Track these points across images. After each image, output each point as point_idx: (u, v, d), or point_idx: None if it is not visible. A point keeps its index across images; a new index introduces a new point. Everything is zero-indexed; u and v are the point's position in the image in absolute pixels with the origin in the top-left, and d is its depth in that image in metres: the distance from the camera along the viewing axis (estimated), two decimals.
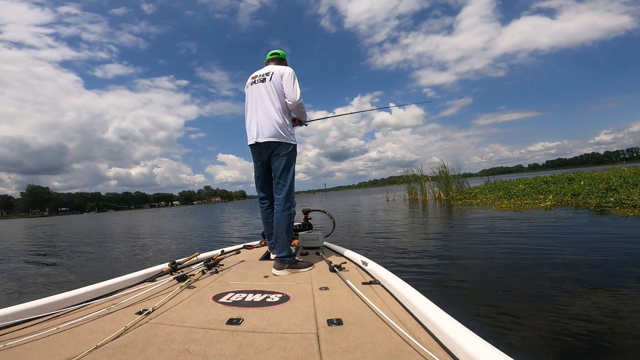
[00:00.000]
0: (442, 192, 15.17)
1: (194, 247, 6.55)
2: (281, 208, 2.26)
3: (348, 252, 2.48)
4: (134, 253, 6.44)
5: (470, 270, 3.17)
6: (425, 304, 1.23)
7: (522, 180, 13.03)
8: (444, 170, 15.60)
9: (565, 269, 2.86)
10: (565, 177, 11.22)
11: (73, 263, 5.76)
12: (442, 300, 1.70)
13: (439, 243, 4.74)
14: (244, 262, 2.52)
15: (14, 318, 1.37)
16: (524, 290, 2.48)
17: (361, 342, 1.08)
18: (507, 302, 2.28)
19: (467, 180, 16.20)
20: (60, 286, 3.96)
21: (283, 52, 2.56)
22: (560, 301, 2.19)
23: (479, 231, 5.27)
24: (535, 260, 3.22)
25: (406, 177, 17.37)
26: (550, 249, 3.61)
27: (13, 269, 5.55)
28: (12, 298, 3.64)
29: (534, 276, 2.76)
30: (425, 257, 3.79)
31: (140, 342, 1.14)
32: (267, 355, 1.03)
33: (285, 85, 2.28)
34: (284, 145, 2.27)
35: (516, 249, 3.81)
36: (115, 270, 4.74)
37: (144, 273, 2.10)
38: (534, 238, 4.30)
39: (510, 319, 2.01)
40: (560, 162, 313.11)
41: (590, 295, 2.27)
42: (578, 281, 2.54)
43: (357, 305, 1.43)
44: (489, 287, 2.65)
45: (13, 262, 6.42)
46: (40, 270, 5.32)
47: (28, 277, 4.74)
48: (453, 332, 1.00)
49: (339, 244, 2.84)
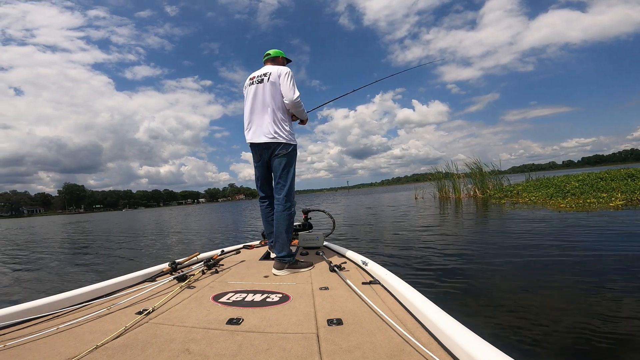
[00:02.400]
0: (478, 189, 14.05)
1: (221, 243, 6.68)
2: (281, 208, 2.26)
3: (348, 252, 2.47)
4: (167, 246, 6.99)
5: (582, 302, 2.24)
6: (425, 304, 1.23)
7: (572, 176, 11.72)
8: (478, 165, 14.47)
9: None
10: (624, 173, 9.95)
11: (125, 253, 6.34)
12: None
13: (500, 253, 3.70)
14: (244, 262, 2.51)
15: (14, 318, 1.37)
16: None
17: (361, 342, 1.08)
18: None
19: (507, 176, 14.89)
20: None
21: (276, 51, 2.54)
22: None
23: (555, 239, 4.12)
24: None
25: (436, 174, 16.27)
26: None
27: (62, 260, 6.07)
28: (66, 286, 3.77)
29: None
30: (491, 276, 2.97)
31: (140, 342, 1.14)
32: (267, 355, 1.02)
33: (283, 84, 2.27)
34: (284, 146, 2.28)
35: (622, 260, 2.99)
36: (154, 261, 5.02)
37: (144, 273, 2.08)
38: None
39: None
40: (596, 158, 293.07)
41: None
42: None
43: (357, 305, 1.43)
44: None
45: (58, 254, 6.92)
46: (89, 260, 5.77)
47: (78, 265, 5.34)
48: (453, 332, 0.99)
49: (341, 245, 2.82)
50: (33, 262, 6.09)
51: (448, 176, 15.51)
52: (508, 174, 15.37)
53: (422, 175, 20.97)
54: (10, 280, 4.59)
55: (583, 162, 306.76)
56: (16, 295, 3.67)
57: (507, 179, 14.50)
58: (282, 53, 2.56)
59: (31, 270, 5.24)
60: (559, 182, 11.13)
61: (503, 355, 0.84)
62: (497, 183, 13.99)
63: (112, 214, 63.05)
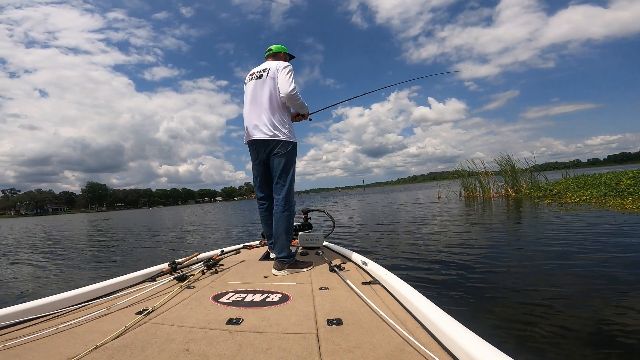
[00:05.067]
0: (510, 188, 13.09)
1: (230, 240, 6.81)
2: (281, 209, 2.22)
3: (348, 252, 2.45)
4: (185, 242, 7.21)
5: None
6: (425, 304, 1.22)
7: (621, 173, 10.70)
8: (509, 162, 13.48)
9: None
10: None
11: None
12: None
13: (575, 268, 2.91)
14: (243, 262, 2.50)
15: (14, 318, 1.36)
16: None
17: (361, 342, 1.07)
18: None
19: (545, 173, 13.78)
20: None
21: (278, 46, 2.48)
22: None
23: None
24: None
25: (461, 172, 15.34)
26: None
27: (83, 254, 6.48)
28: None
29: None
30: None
31: (140, 342, 1.14)
32: (267, 355, 1.02)
33: (279, 78, 2.21)
34: (283, 144, 2.22)
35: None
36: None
37: (143, 273, 2.07)
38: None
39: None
40: (623, 156, 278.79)
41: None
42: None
43: (357, 305, 1.42)
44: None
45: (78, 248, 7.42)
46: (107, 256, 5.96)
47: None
48: (453, 332, 0.99)
49: (341, 245, 2.80)
50: (59, 256, 6.36)
51: (473, 174, 14.60)
52: (532, 172, 14.16)
53: (439, 174, 20.13)
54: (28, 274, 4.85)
55: (609, 160, 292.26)
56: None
57: (544, 177, 13.47)
58: (285, 48, 2.50)
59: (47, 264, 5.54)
60: (607, 179, 10.00)
61: (503, 355, 0.84)
62: (532, 181, 12.99)
63: (133, 212, 64.06)
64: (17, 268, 5.49)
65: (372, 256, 2.98)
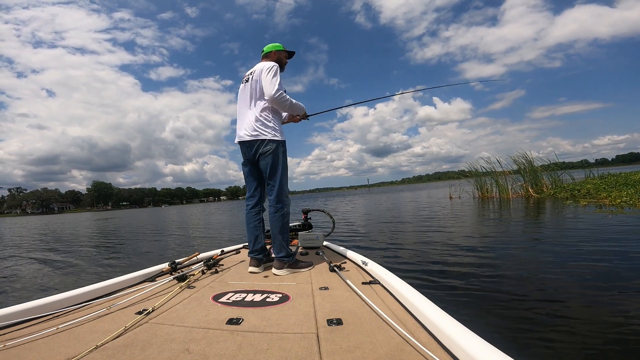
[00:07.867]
0: (531, 187, 12.39)
1: (227, 240, 6.78)
2: (273, 210, 2.21)
3: (348, 252, 2.44)
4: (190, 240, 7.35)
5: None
6: (425, 304, 1.21)
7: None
8: (529, 160, 12.77)
9: None
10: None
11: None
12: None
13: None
14: (244, 262, 2.48)
15: (14, 318, 1.36)
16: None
17: (361, 342, 1.07)
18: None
19: (571, 172, 13.00)
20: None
21: (270, 45, 2.42)
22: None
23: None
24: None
25: (474, 172, 14.54)
26: None
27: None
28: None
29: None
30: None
31: (140, 342, 1.13)
32: (267, 355, 1.01)
33: (262, 81, 2.16)
34: (267, 143, 2.17)
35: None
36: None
37: (143, 273, 2.06)
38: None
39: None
40: (632, 156, 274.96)
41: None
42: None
43: (357, 305, 1.41)
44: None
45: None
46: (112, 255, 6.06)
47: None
48: (453, 332, 0.98)
49: (340, 245, 2.79)
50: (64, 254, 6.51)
51: (488, 173, 13.90)
52: (554, 170, 13.39)
53: (444, 174, 19.58)
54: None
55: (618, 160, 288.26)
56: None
57: (570, 175, 12.72)
58: (279, 46, 2.42)
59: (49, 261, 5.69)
60: (638, 179, 9.40)
61: (503, 355, 0.83)
62: (555, 180, 12.29)
63: (137, 211, 64.05)
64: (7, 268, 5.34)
65: (391, 262, 2.92)
